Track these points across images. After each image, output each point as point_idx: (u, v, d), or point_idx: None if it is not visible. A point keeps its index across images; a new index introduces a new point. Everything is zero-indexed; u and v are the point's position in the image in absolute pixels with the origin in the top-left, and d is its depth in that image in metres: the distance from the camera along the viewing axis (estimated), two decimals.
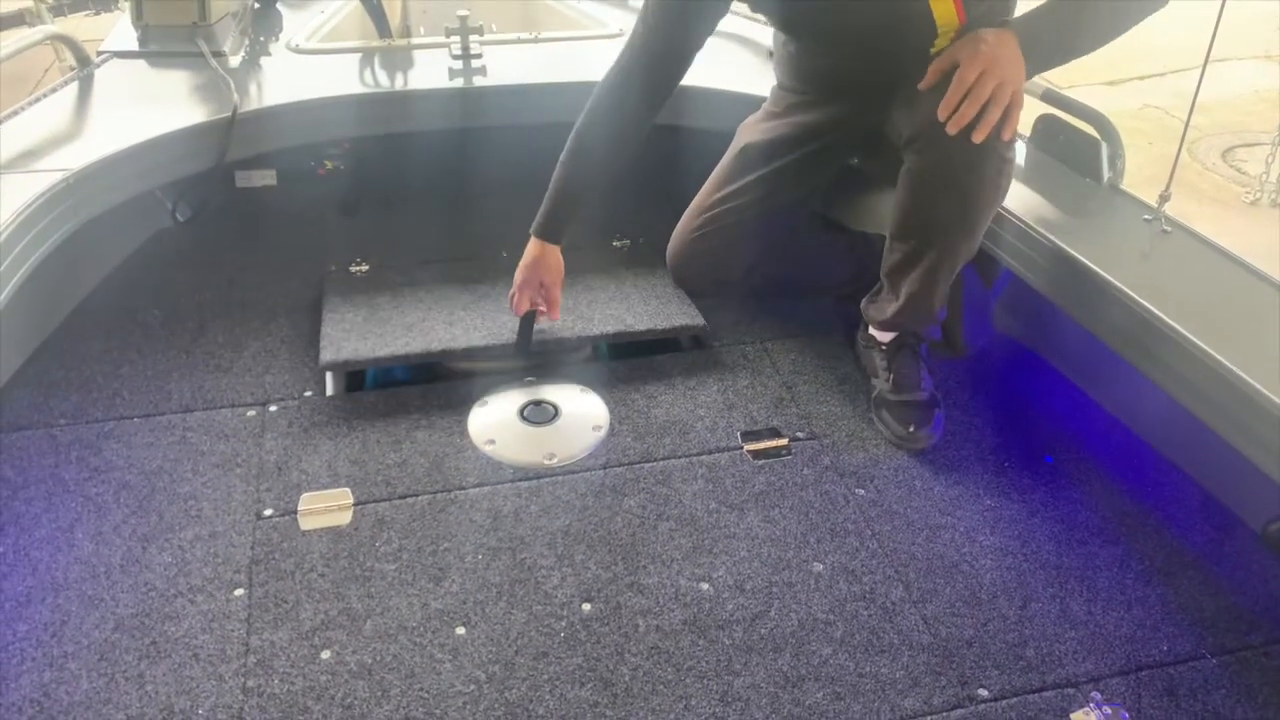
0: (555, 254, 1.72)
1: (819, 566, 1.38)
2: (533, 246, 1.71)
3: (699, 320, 1.81)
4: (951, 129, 1.36)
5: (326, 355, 1.67)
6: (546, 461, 1.54)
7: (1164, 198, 1.58)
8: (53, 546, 1.35)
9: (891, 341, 1.67)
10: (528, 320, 1.72)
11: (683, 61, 1.64)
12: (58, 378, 1.67)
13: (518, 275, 1.72)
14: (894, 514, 1.47)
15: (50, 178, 1.62)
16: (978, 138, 1.35)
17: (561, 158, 1.68)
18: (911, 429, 1.59)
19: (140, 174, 1.79)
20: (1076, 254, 1.52)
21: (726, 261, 1.83)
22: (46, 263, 1.58)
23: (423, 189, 2.34)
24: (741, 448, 1.58)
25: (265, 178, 2.28)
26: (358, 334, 1.73)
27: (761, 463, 1.56)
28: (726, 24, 1.68)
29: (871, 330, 1.71)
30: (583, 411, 1.65)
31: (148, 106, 1.92)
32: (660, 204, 2.08)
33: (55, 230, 1.61)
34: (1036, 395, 1.75)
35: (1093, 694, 1.21)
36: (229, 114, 1.86)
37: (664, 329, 1.79)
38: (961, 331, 1.81)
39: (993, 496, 1.51)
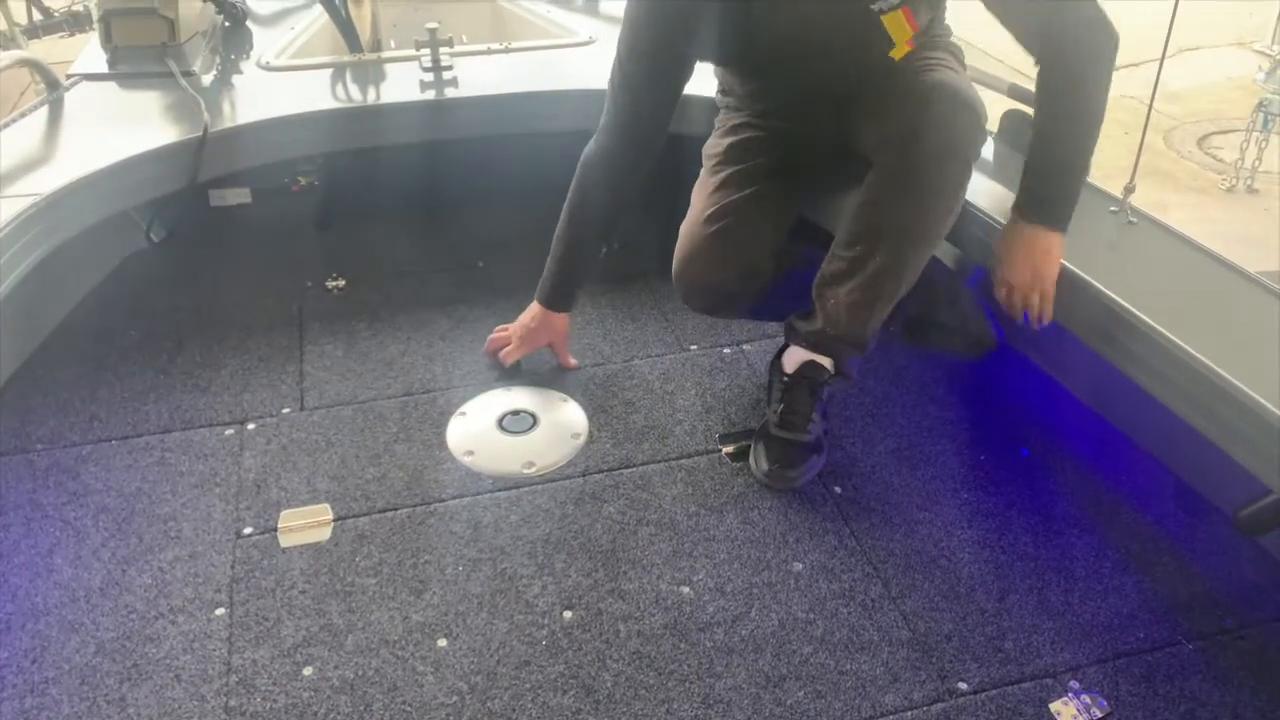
0: (561, 318, 1.73)
1: (798, 566, 1.39)
2: (537, 312, 1.71)
3: (677, 351, 1.84)
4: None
5: (310, 402, 1.69)
6: (526, 471, 1.54)
7: (1129, 189, 1.59)
8: (32, 572, 1.35)
9: (794, 373, 1.56)
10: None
11: (662, 117, 1.56)
12: (34, 402, 1.67)
13: (517, 333, 1.73)
14: (871, 511, 1.48)
15: (21, 202, 1.61)
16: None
17: (559, 231, 1.65)
18: (776, 466, 1.51)
19: (113, 195, 1.79)
20: None
21: (751, 246, 1.57)
22: (20, 287, 1.57)
23: (397, 202, 2.35)
24: (720, 450, 1.59)
25: (239, 196, 2.28)
26: (338, 373, 1.75)
27: (740, 464, 1.56)
28: None
29: (783, 357, 1.60)
30: (561, 420, 1.66)
31: (118, 128, 1.91)
32: (641, 208, 2.08)
33: (28, 254, 1.60)
34: (1010, 388, 1.76)
35: (1071, 683, 1.22)
36: (200, 133, 1.86)
37: (642, 361, 1.81)
38: (987, 323, 1.74)
39: (969, 490, 1.52)
